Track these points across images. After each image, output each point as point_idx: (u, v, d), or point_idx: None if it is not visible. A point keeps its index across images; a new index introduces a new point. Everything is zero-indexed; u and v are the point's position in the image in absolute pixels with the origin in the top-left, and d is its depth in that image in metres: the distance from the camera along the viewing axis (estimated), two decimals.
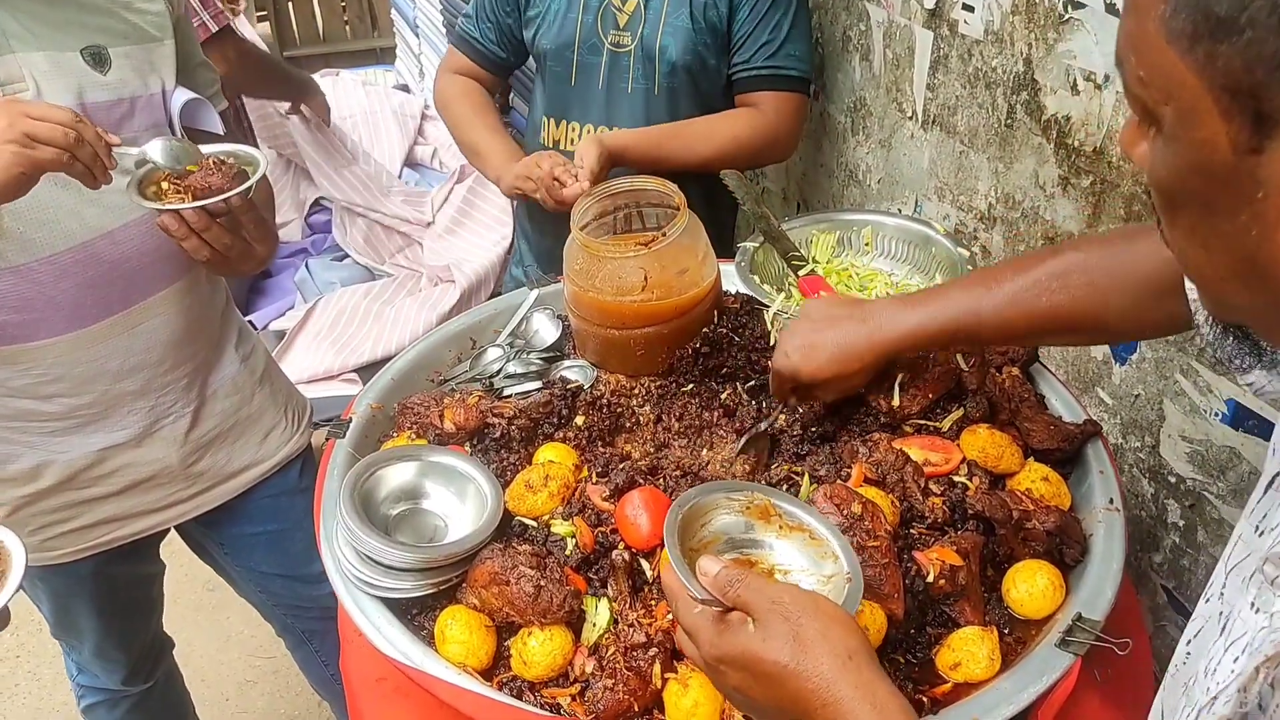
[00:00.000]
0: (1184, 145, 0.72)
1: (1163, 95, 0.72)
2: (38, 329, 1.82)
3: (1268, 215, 0.69)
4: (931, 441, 1.61)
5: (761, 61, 2.48)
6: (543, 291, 2.11)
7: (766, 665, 0.99)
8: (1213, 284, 0.80)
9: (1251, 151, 0.68)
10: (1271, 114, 0.66)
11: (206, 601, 3.71)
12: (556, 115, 2.58)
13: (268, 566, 2.40)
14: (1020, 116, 2.14)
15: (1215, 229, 0.74)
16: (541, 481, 1.56)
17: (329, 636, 2.49)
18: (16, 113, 1.48)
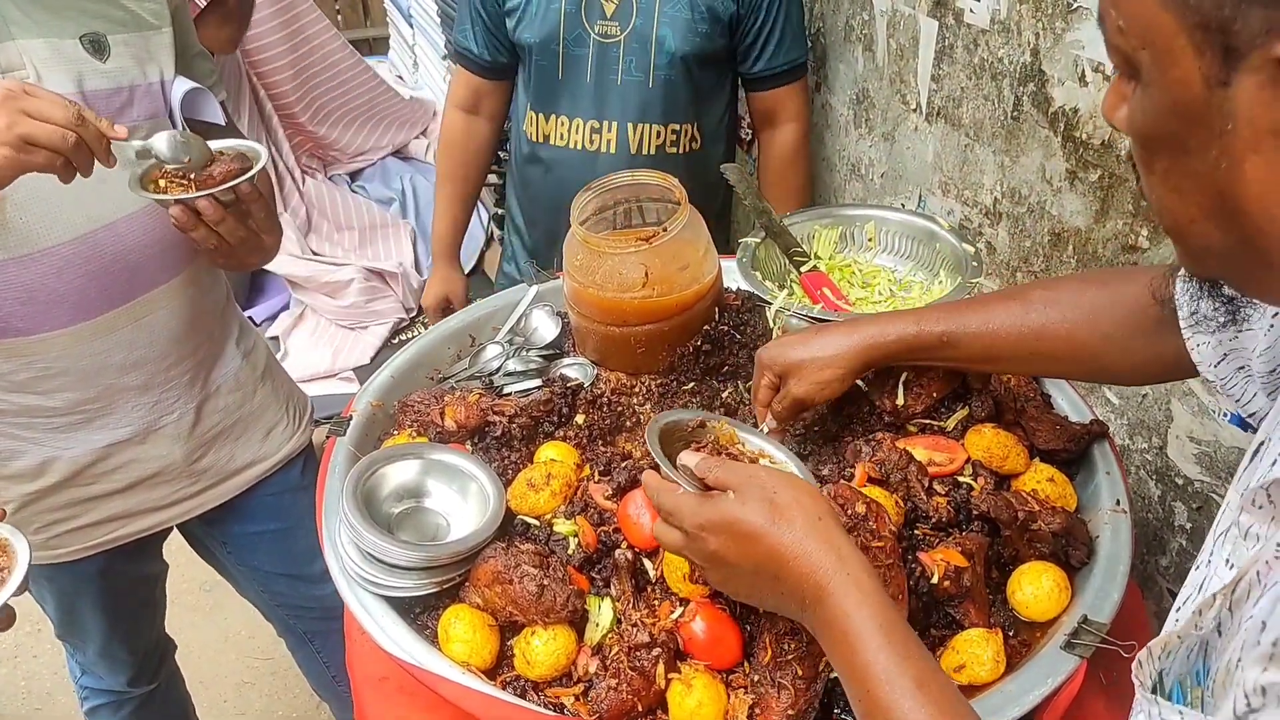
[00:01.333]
0: (1160, 88, 0.77)
1: (1140, 40, 0.77)
2: (41, 321, 1.82)
3: (1235, 147, 0.73)
4: (936, 441, 1.60)
5: (781, 59, 2.57)
6: (541, 288, 2.09)
7: (745, 526, 1.11)
8: (1188, 229, 0.83)
9: (1221, 84, 0.72)
10: (1238, 46, 0.70)
11: (203, 603, 3.70)
12: (544, 109, 2.57)
13: (270, 565, 2.40)
14: (1027, 108, 2.12)
15: (1188, 170, 0.78)
16: (544, 480, 1.55)
17: (331, 637, 2.51)
18: (17, 111, 1.46)
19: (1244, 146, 0.73)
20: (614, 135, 2.51)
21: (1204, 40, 0.72)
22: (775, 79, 2.60)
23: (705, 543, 1.15)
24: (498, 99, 2.73)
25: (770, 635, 1.31)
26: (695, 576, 1.36)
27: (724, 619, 1.36)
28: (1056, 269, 2.14)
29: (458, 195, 2.87)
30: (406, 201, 4.15)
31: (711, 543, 1.14)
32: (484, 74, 2.67)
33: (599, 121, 2.50)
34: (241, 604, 2.66)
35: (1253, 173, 0.73)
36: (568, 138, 2.54)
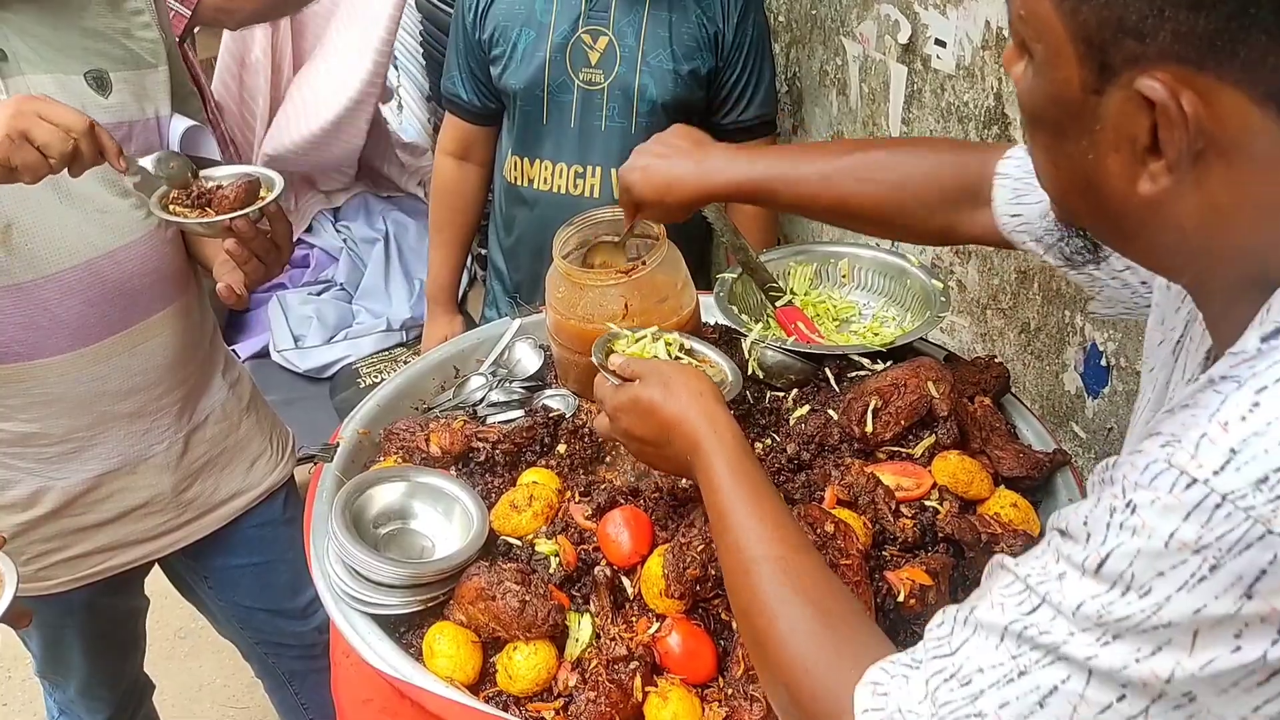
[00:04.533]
0: (1047, 79, 0.89)
1: (1035, 34, 0.88)
2: (41, 347, 1.86)
3: (1101, 144, 0.86)
4: (904, 467, 1.65)
5: (753, 113, 2.64)
6: (524, 321, 2.15)
7: (644, 403, 1.34)
8: (1061, 194, 0.97)
9: (1095, 92, 0.84)
10: (1113, 66, 0.82)
11: (178, 650, 3.65)
12: (528, 154, 2.63)
13: (251, 600, 2.41)
14: None
15: (1064, 150, 0.91)
16: (526, 502, 1.61)
17: (309, 678, 2.52)
18: (30, 111, 1.51)
19: (1108, 145, 0.86)
20: (598, 180, 2.57)
21: (1086, 53, 0.84)
22: (746, 132, 2.66)
23: (619, 421, 1.40)
24: (487, 144, 2.79)
25: (743, 649, 1.36)
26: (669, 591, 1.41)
27: (699, 634, 1.42)
28: (1024, 305, 2.21)
29: (452, 241, 2.91)
30: (390, 243, 4.19)
31: (623, 420, 1.39)
32: (474, 120, 2.73)
33: (582, 166, 2.57)
34: (217, 651, 2.66)
35: (1114, 167, 0.86)
36: (551, 181, 2.60)
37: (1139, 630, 0.75)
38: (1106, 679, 0.78)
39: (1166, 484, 0.74)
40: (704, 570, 1.39)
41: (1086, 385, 2.09)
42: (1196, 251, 0.88)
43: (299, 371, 3.88)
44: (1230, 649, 0.73)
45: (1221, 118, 0.79)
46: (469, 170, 2.80)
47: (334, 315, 4.03)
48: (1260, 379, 0.75)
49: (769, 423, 1.86)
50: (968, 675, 0.86)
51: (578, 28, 2.48)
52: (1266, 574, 0.71)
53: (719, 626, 1.44)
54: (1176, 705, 0.76)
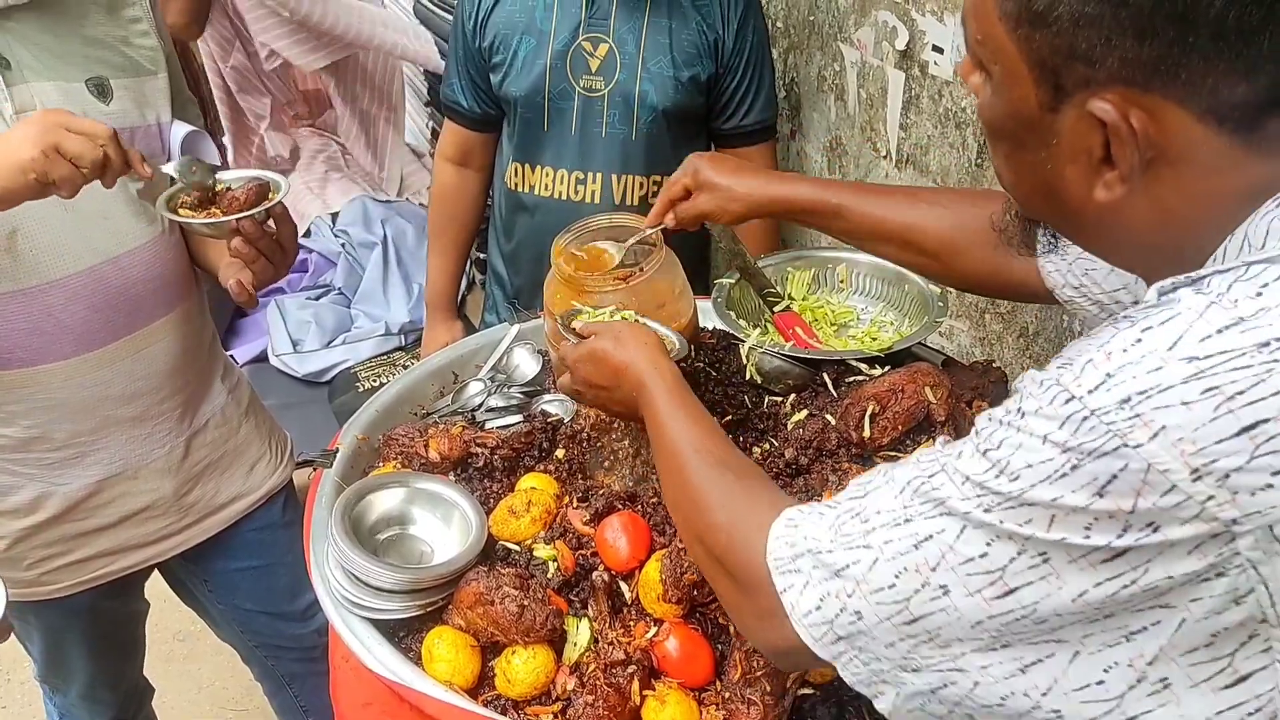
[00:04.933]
0: (1004, 98, 0.97)
1: (992, 57, 0.96)
2: (46, 352, 1.86)
3: (1058, 156, 0.95)
4: None
5: (754, 118, 2.63)
6: (523, 327, 2.16)
7: (598, 353, 1.48)
8: (1021, 197, 1.07)
9: (1051, 110, 0.93)
10: (1065, 87, 0.91)
11: (177, 652, 3.66)
12: (529, 160, 2.63)
13: (251, 603, 2.42)
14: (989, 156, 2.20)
15: (1023, 160, 1.00)
16: (524, 507, 1.62)
17: (308, 680, 2.52)
18: (56, 124, 1.53)
19: (1065, 157, 0.95)
20: (599, 186, 2.58)
21: (1040, 76, 0.92)
22: (746, 137, 2.67)
23: (577, 371, 1.53)
24: (487, 151, 2.79)
25: (740, 653, 1.37)
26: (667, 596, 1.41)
27: (697, 638, 1.43)
28: (1022, 309, 2.22)
29: (451, 247, 2.92)
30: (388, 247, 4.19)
31: (580, 370, 1.52)
32: (473, 127, 2.73)
33: (583, 172, 2.57)
34: (216, 653, 2.66)
35: (1071, 175, 0.95)
36: (552, 188, 2.61)
37: (1008, 505, 0.86)
38: (978, 533, 0.89)
39: (1049, 396, 0.85)
40: (701, 575, 1.40)
41: None
42: (1148, 247, 0.98)
43: (297, 376, 3.87)
44: (1082, 537, 0.83)
45: (1167, 132, 0.89)
46: (468, 176, 2.81)
47: (332, 319, 4.03)
48: (1148, 320, 0.84)
49: (767, 427, 1.86)
50: (868, 515, 0.98)
51: (578, 35, 2.49)
52: (1116, 479, 0.81)
53: (716, 631, 1.46)
54: (1031, 565, 0.86)
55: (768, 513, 1.10)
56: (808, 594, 1.01)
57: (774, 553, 1.05)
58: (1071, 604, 0.86)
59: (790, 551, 1.04)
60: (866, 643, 0.97)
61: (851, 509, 1.01)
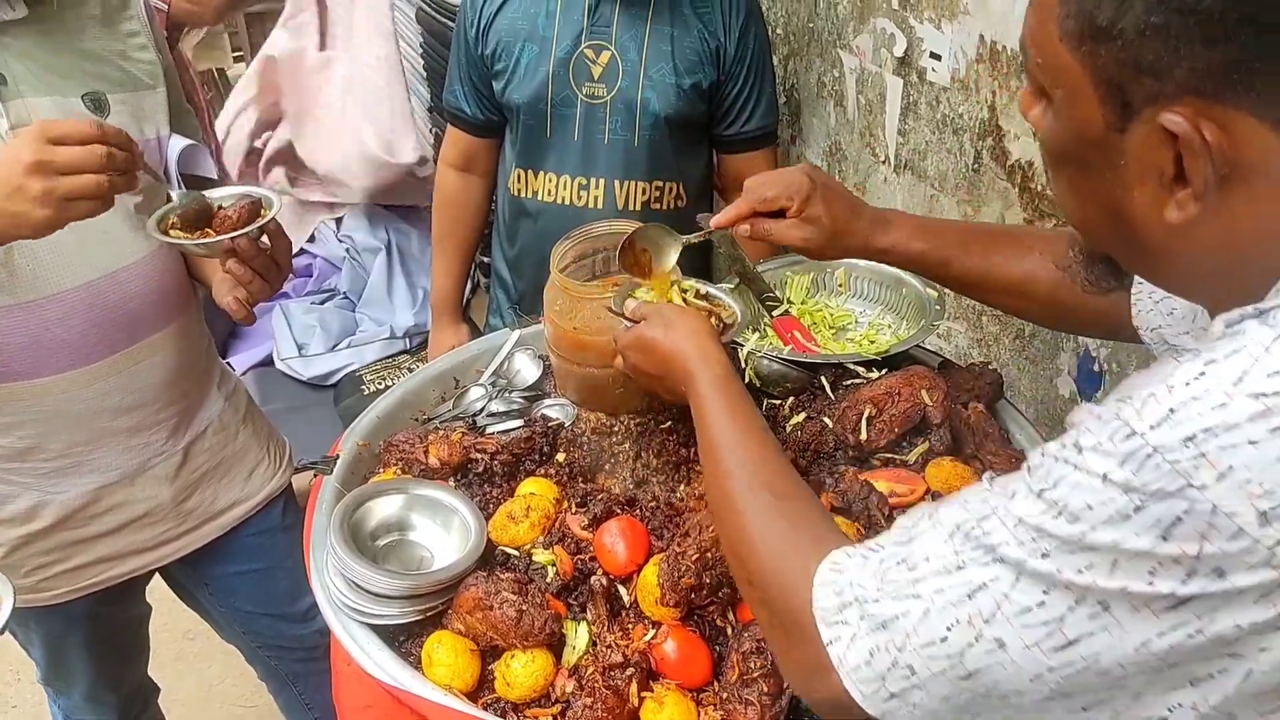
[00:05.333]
0: (1068, 120, 0.94)
1: (1053, 80, 0.94)
2: (42, 366, 1.87)
3: (1126, 178, 0.92)
4: (898, 474, 1.68)
5: (754, 125, 2.64)
6: (524, 332, 2.17)
7: (646, 339, 1.45)
8: (1085, 225, 1.03)
9: (1118, 130, 0.90)
10: (1133, 104, 0.88)
11: (187, 651, 3.70)
12: (532, 166, 2.64)
13: (252, 606, 2.43)
14: (986, 161, 2.22)
15: (1089, 185, 0.97)
16: (523, 513, 1.63)
17: (312, 679, 2.53)
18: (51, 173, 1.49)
19: (1132, 179, 0.91)
20: (601, 192, 2.59)
21: (1106, 94, 0.89)
22: (748, 144, 2.68)
23: (628, 356, 1.51)
24: (490, 156, 2.80)
25: (738, 654, 1.38)
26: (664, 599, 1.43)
27: (695, 640, 1.44)
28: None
29: (455, 252, 2.93)
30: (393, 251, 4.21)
31: (631, 356, 1.50)
32: (476, 133, 2.74)
33: (586, 178, 2.58)
34: (225, 651, 2.67)
35: (1140, 198, 0.91)
36: (555, 193, 2.62)
37: (1067, 549, 0.83)
38: (1033, 582, 0.85)
39: (1109, 432, 0.81)
40: (698, 579, 1.41)
41: (1080, 390, 2.10)
42: (1216, 273, 0.94)
43: (303, 380, 3.90)
44: (1145, 582, 0.80)
45: (1240, 144, 0.85)
46: (471, 182, 2.82)
47: (337, 324, 4.05)
48: (1212, 354, 0.81)
49: None
50: (915, 562, 0.94)
51: (580, 43, 2.50)
52: (1181, 522, 0.78)
53: (714, 633, 1.47)
54: (1092, 614, 0.83)
55: (813, 554, 1.05)
56: (856, 647, 0.97)
57: (819, 602, 1.01)
58: (1134, 654, 0.83)
59: (836, 601, 0.99)
60: (921, 698, 0.94)
61: (897, 555, 0.97)
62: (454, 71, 2.71)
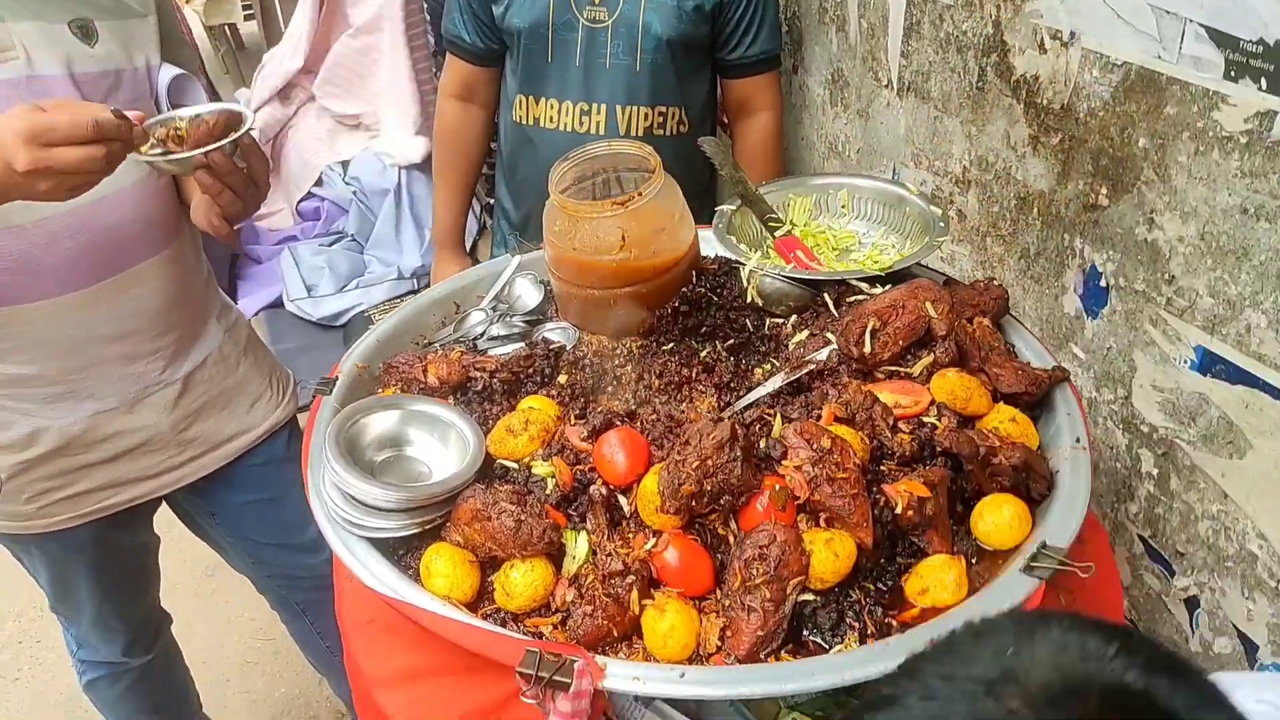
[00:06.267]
0: None
1: None
2: (30, 291, 1.86)
3: None
4: (902, 386, 1.65)
5: (758, 49, 2.62)
6: (525, 258, 2.15)
7: None
8: None
9: None
10: None
11: (205, 587, 3.76)
12: (534, 92, 2.62)
13: (259, 535, 2.45)
14: (991, 78, 2.19)
15: None
16: (522, 426, 1.61)
17: (324, 608, 2.51)
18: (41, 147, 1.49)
19: None
20: (603, 117, 2.57)
21: None
22: (751, 67, 2.66)
23: None
24: (490, 86, 2.78)
25: (740, 562, 1.37)
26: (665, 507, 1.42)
27: (696, 548, 1.42)
28: (1024, 230, 2.20)
29: (458, 183, 2.92)
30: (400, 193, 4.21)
31: None
32: (476, 61, 2.72)
33: (588, 104, 2.56)
34: (243, 587, 2.69)
35: None
36: (557, 120, 2.59)
37: None
38: None
39: None
40: (699, 486, 1.39)
41: (1086, 306, 2.08)
42: None
43: (312, 320, 3.93)
44: None
45: None
46: (472, 112, 2.79)
47: (346, 265, 4.07)
48: None
49: (769, 349, 1.86)
50: None
51: None
52: None
53: (715, 541, 1.45)
54: None
55: None
56: None
57: None
58: None
59: None
60: None
61: None
62: (453, 6, 2.67)
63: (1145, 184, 1.86)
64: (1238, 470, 1.82)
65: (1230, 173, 1.68)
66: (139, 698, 2.63)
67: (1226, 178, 1.69)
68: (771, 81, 2.69)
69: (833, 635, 1.39)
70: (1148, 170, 1.85)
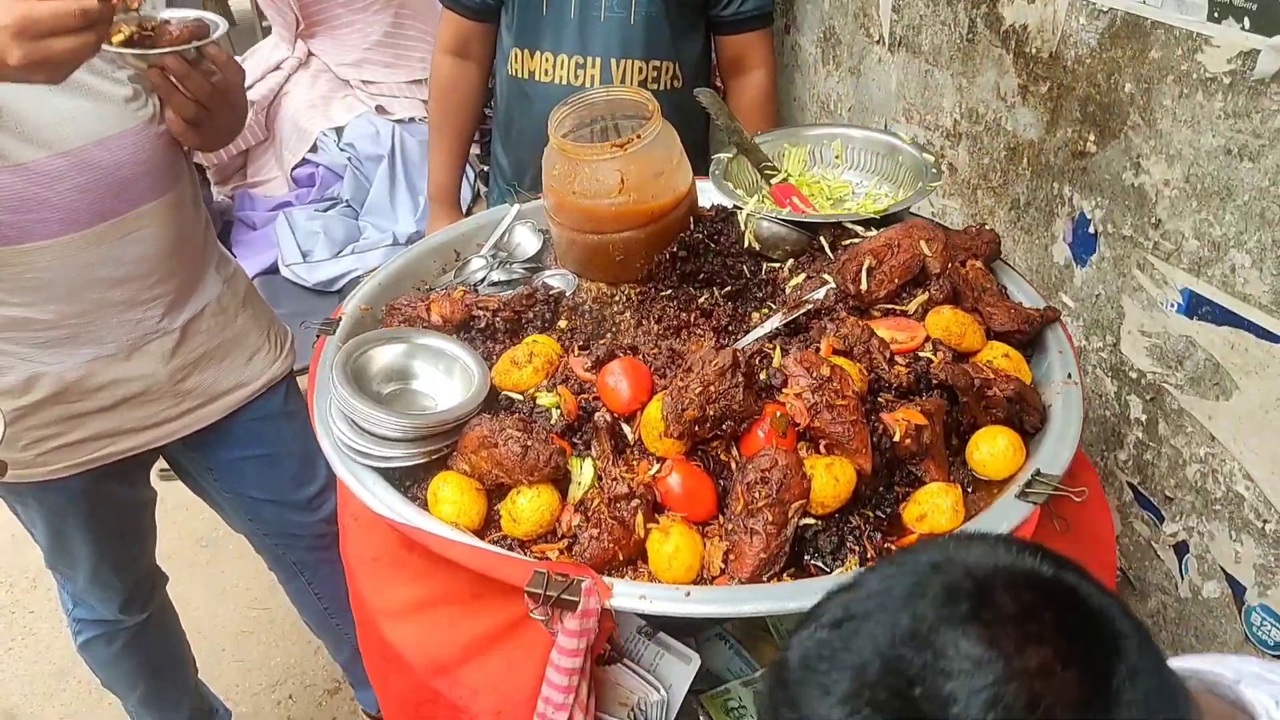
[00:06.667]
0: None
1: None
2: (31, 231, 1.87)
3: None
4: (898, 322, 1.69)
5: (751, 5, 2.64)
6: (524, 207, 2.17)
7: None
8: None
9: None
10: None
11: (200, 557, 3.76)
12: (529, 46, 2.63)
13: (257, 492, 2.46)
14: (981, 30, 2.22)
15: None
16: (526, 358, 1.64)
17: (321, 568, 2.58)
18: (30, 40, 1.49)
19: None
20: (598, 70, 2.58)
21: None
22: (744, 24, 2.67)
23: None
24: (485, 42, 2.79)
25: (742, 485, 1.40)
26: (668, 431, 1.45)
27: (699, 474, 1.46)
28: (1014, 181, 2.23)
29: (454, 139, 2.92)
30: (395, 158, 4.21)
31: None
32: (472, 16, 2.73)
33: (583, 57, 2.57)
34: (238, 557, 2.71)
35: None
36: (553, 73, 2.61)
37: None
38: None
39: None
40: (702, 411, 1.42)
41: (1075, 254, 2.11)
42: None
43: (308, 285, 3.92)
44: None
45: None
46: (467, 68, 2.81)
47: (341, 230, 4.07)
48: None
49: (766, 294, 1.89)
50: None
51: None
52: None
53: (718, 467, 1.48)
54: None
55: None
56: None
57: None
58: None
59: None
60: None
61: None
62: None
63: (1131, 129, 1.89)
64: (1225, 411, 1.86)
65: (1214, 114, 1.72)
66: (135, 658, 2.63)
67: (1210, 119, 1.73)
68: (764, 38, 2.71)
69: (833, 559, 1.42)
70: (1134, 115, 1.88)
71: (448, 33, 2.78)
